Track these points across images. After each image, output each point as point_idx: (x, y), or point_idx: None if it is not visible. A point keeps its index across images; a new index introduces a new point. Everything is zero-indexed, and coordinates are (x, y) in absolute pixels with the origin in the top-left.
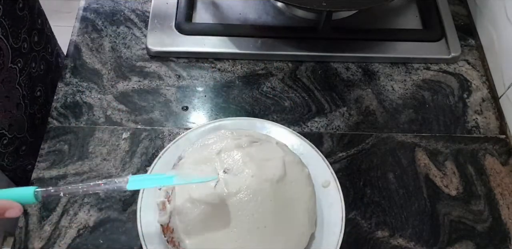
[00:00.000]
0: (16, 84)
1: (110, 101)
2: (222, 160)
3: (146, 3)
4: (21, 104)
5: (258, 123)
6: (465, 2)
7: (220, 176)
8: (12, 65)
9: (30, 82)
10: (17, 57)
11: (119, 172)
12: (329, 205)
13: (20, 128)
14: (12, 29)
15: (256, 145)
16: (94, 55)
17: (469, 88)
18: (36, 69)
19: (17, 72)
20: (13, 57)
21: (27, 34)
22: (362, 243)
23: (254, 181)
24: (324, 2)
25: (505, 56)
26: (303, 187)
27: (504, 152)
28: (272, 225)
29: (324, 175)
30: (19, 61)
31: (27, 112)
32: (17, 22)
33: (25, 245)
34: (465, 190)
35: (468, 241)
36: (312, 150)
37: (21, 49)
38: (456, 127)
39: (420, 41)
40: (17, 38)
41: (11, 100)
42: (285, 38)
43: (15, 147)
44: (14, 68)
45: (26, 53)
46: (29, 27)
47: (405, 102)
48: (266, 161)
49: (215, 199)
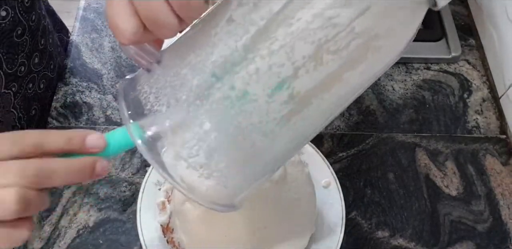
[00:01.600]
0: (11, 108)
1: (110, 101)
2: None
3: None
4: (17, 126)
5: None
6: (465, 2)
7: None
8: (6, 91)
9: (25, 103)
10: (11, 82)
11: (118, 172)
12: (329, 205)
13: None
14: (7, 56)
15: None
16: (94, 55)
17: (469, 88)
18: (33, 89)
19: (12, 96)
20: (7, 83)
21: (25, 58)
22: (362, 243)
23: None
24: None
25: (506, 56)
26: (303, 187)
27: (504, 152)
28: (272, 226)
29: (324, 175)
30: (14, 85)
31: None
32: (14, 49)
33: (25, 245)
34: (465, 190)
35: (468, 241)
36: (312, 150)
37: (16, 73)
38: (457, 127)
39: (420, 41)
40: (13, 64)
41: (5, 124)
42: None
43: None
44: (8, 93)
45: (22, 76)
46: (29, 50)
47: (405, 102)
48: None
49: None
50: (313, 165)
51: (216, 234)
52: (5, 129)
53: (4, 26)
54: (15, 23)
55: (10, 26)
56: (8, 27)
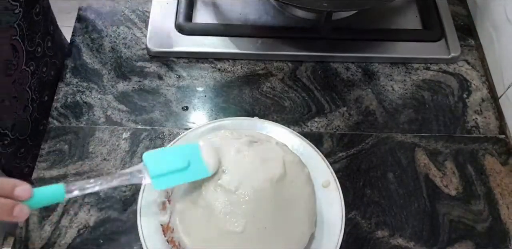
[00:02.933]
0: (26, 86)
1: (110, 101)
2: (221, 159)
3: (146, 3)
4: (28, 107)
5: (258, 123)
6: (465, 2)
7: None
8: (26, 68)
9: (39, 86)
10: (30, 60)
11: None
12: (329, 205)
13: (23, 130)
14: (28, 32)
15: (256, 145)
16: (94, 55)
17: (468, 88)
18: (47, 74)
19: (29, 75)
20: (26, 60)
21: (41, 38)
22: (362, 243)
23: (253, 181)
24: (325, 2)
25: (505, 56)
26: (303, 186)
27: (503, 152)
28: (272, 226)
29: (324, 175)
30: (32, 64)
31: (33, 116)
32: (33, 26)
33: (26, 245)
34: (464, 190)
35: (468, 241)
36: (312, 150)
37: (35, 52)
38: (456, 127)
39: (420, 41)
40: (32, 42)
41: (19, 101)
42: (285, 38)
43: (15, 148)
44: (27, 71)
45: (39, 57)
46: (44, 32)
47: (405, 102)
48: (266, 161)
49: None
50: (313, 165)
51: (216, 234)
52: (19, 107)
53: (28, 0)
54: (35, 0)
55: (32, 1)
56: (31, 2)
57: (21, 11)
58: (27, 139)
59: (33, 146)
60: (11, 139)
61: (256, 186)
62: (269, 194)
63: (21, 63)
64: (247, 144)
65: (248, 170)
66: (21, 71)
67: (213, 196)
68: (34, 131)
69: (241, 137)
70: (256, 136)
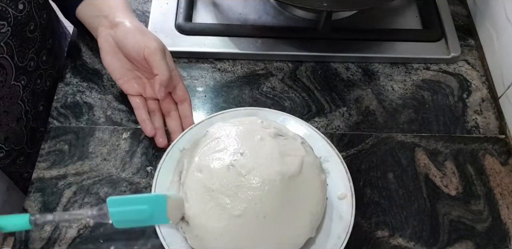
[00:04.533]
0: (18, 100)
1: (110, 101)
2: (243, 142)
3: (146, 3)
4: (22, 119)
5: (295, 122)
6: (464, 2)
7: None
8: (16, 83)
9: (33, 97)
10: (21, 75)
11: (119, 172)
12: (338, 217)
13: (18, 141)
14: (19, 49)
15: (281, 138)
16: (94, 55)
17: (468, 88)
18: (41, 85)
19: (20, 89)
20: (16, 75)
21: (35, 53)
22: (362, 243)
23: (266, 170)
24: (325, 2)
25: (505, 56)
26: (314, 190)
27: (503, 152)
28: (271, 218)
29: (342, 187)
30: (23, 78)
31: (28, 126)
32: (26, 43)
33: (25, 245)
34: (464, 190)
35: (467, 241)
36: (337, 160)
37: (26, 67)
38: (456, 127)
39: (420, 41)
40: (24, 58)
41: (10, 115)
42: (285, 38)
43: (12, 158)
44: (18, 85)
45: (31, 71)
46: (39, 47)
47: (405, 102)
48: (285, 156)
49: None
50: (334, 174)
51: (214, 211)
52: (10, 120)
53: (20, 19)
54: (29, 18)
55: (25, 20)
56: (23, 21)
57: (10, 30)
58: (24, 147)
59: (32, 153)
60: (6, 151)
61: (266, 175)
62: (277, 187)
63: (10, 79)
64: (272, 136)
65: (264, 159)
66: (10, 87)
67: (223, 174)
68: (31, 140)
69: (269, 128)
70: (284, 130)
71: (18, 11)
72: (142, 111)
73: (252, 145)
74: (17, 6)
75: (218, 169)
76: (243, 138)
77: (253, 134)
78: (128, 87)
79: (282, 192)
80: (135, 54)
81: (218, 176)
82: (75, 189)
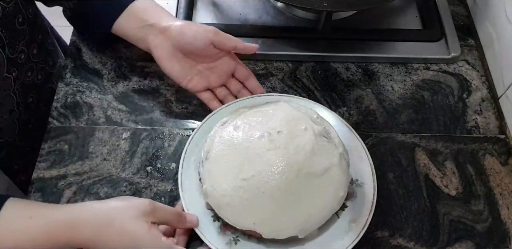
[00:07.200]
0: (10, 92)
1: (110, 101)
2: (287, 125)
3: None
4: (15, 111)
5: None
6: (465, 2)
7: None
8: (7, 75)
9: (23, 89)
10: (12, 67)
11: (119, 172)
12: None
13: (11, 133)
14: (9, 40)
15: (322, 139)
16: (94, 55)
17: (468, 88)
18: (32, 78)
19: (12, 81)
20: (8, 67)
21: (25, 46)
22: (362, 243)
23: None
24: (325, 2)
25: (505, 56)
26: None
27: (503, 152)
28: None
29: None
30: (14, 70)
31: (20, 119)
32: (15, 35)
33: None
34: (464, 190)
35: (467, 241)
36: (369, 174)
37: (17, 59)
38: (456, 127)
39: (420, 41)
40: (14, 49)
41: (3, 106)
42: (285, 38)
43: (6, 151)
44: (9, 77)
45: (22, 63)
46: (29, 39)
47: (405, 102)
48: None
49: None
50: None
51: (231, 167)
52: (4, 112)
53: (8, 11)
54: (16, 10)
55: (12, 12)
56: (11, 13)
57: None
58: (16, 139)
59: (22, 147)
60: (1, 143)
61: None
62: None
63: (2, 71)
64: (317, 133)
65: (295, 146)
66: (3, 79)
67: (253, 139)
68: (23, 132)
69: (319, 125)
70: (332, 135)
71: (6, 2)
72: (214, 102)
73: (292, 130)
74: None
75: (251, 132)
76: (290, 122)
77: (301, 123)
78: (193, 85)
79: (291, 180)
80: (198, 42)
81: (247, 138)
82: (75, 189)
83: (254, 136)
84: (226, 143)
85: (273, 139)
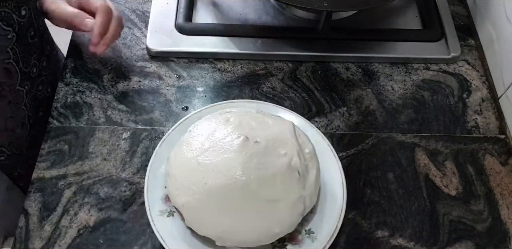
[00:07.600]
0: (22, 105)
1: (110, 101)
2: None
3: (146, 3)
4: (26, 124)
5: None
6: (465, 2)
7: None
8: (20, 88)
9: (35, 103)
10: (25, 81)
11: (119, 172)
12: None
13: (20, 145)
14: (23, 55)
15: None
16: (94, 55)
17: (468, 88)
18: (43, 91)
19: (24, 94)
20: (21, 80)
21: (36, 59)
22: (362, 243)
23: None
24: (325, 2)
25: (505, 56)
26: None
27: (503, 152)
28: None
29: None
30: (27, 84)
31: (31, 132)
32: (28, 49)
33: (26, 245)
34: (464, 190)
35: (467, 241)
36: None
37: (30, 73)
38: (456, 127)
39: (420, 41)
40: (27, 63)
41: (15, 119)
42: (285, 38)
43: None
44: (22, 90)
45: (34, 77)
46: (39, 53)
47: (405, 102)
48: (276, 183)
49: None
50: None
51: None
52: (15, 125)
53: (22, 25)
54: (30, 24)
55: (26, 26)
56: (25, 27)
57: (15, 36)
58: (23, 151)
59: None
60: (8, 155)
61: None
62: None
63: (15, 84)
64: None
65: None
66: (16, 91)
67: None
68: (33, 145)
69: (308, 162)
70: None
71: (21, 17)
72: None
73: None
74: (20, 12)
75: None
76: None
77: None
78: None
79: (240, 187)
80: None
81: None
82: (75, 189)
83: (234, 134)
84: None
85: (246, 145)
